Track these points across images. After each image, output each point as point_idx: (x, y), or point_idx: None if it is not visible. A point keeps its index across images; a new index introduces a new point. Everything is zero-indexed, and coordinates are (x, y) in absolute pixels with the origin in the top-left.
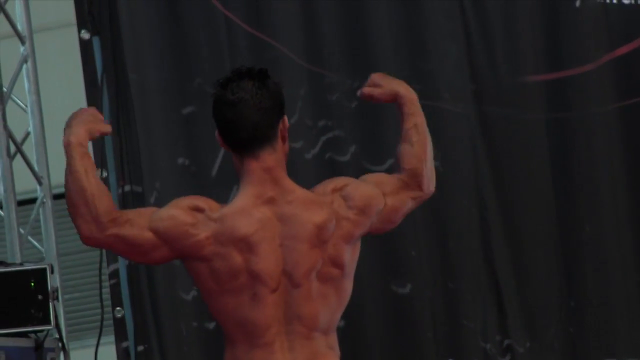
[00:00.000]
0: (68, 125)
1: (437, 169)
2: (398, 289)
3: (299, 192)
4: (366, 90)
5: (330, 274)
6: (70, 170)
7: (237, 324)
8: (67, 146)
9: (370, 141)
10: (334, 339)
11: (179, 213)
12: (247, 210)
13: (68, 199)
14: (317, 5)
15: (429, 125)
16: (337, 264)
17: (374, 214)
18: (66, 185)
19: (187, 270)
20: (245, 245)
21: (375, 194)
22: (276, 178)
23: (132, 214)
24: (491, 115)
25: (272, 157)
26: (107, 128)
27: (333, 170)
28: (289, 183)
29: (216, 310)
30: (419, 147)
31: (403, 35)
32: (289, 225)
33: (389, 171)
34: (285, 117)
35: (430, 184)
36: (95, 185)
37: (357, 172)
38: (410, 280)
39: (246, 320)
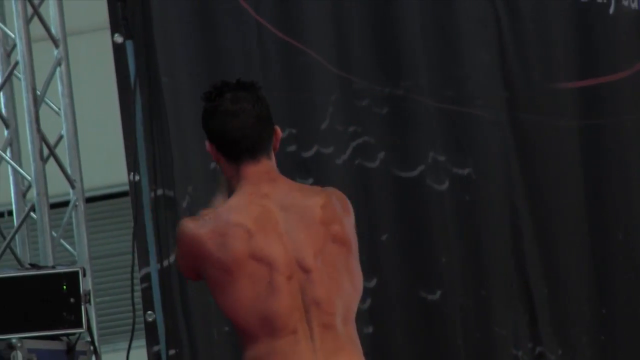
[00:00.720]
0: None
1: (469, 176)
2: (427, 295)
3: (295, 185)
4: None
5: (338, 253)
6: None
7: (258, 317)
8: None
9: (399, 148)
10: (354, 330)
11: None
12: (242, 204)
13: None
14: (349, 11)
15: (464, 131)
16: (343, 241)
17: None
18: None
19: (207, 279)
20: (243, 231)
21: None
22: (273, 178)
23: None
24: (524, 122)
25: (269, 163)
26: None
27: (362, 176)
28: (284, 180)
29: (234, 309)
30: None
31: (435, 42)
32: (290, 212)
33: (419, 178)
34: (277, 129)
35: None
36: None
37: (387, 178)
38: (440, 287)
39: (266, 311)
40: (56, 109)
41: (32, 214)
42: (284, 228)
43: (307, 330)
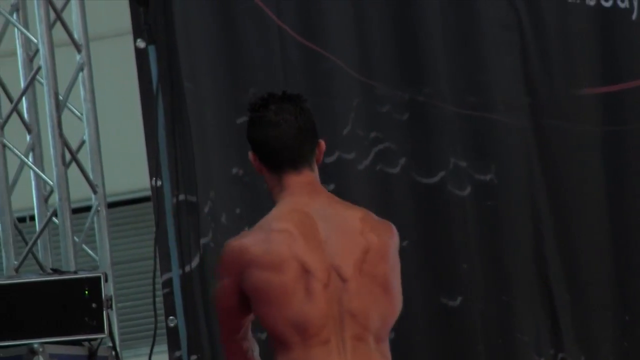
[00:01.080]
0: None
1: (491, 181)
2: (449, 301)
3: (336, 198)
4: None
5: (376, 267)
6: None
7: (291, 323)
8: None
9: (421, 154)
10: (386, 348)
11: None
12: (284, 212)
13: None
14: (370, 17)
15: (485, 137)
16: (382, 254)
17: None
18: None
19: (249, 289)
20: (287, 235)
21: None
22: (315, 190)
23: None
24: (546, 127)
25: (312, 175)
26: None
27: (383, 182)
28: (326, 193)
29: (270, 315)
30: None
31: (457, 47)
32: (330, 221)
33: (440, 184)
34: (322, 142)
35: None
36: None
37: (408, 184)
38: (461, 293)
39: (301, 317)
40: (78, 114)
41: (54, 219)
42: (324, 236)
43: (339, 341)
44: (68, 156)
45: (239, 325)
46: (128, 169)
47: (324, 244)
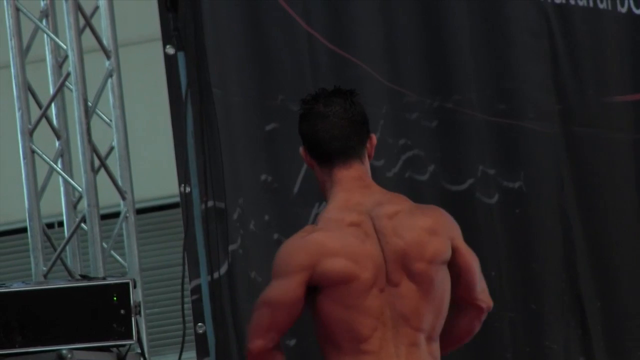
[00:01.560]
0: None
1: (520, 189)
2: None
3: (387, 193)
4: None
5: (419, 270)
6: None
7: (344, 327)
8: None
9: (450, 161)
10: (437, 348)
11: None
12: (338, 215)
13: None
14: (399, 24)
15: (514, 145)
16: (422, 256)
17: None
18: None
19: (322, 279)
20: (358, 228)
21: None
22: (367, 185)
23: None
24: (577, 135)
25: (362, 168)
26: None
27: (413, 189)
28: (377, 188)
29: (324, 316)
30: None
31: (487, 54)
32: (381, 222)
33: (468, 191)
34: (374, 136)
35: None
36: None
37: (436, 191)
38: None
39: (354, 322)
40: (107, 120)
41: (82, 225)
42: (377, 238)
43: (391, 346)
44: (97, 162)
45: (285, 325)
46: (156, 175)
47: (376, 247)
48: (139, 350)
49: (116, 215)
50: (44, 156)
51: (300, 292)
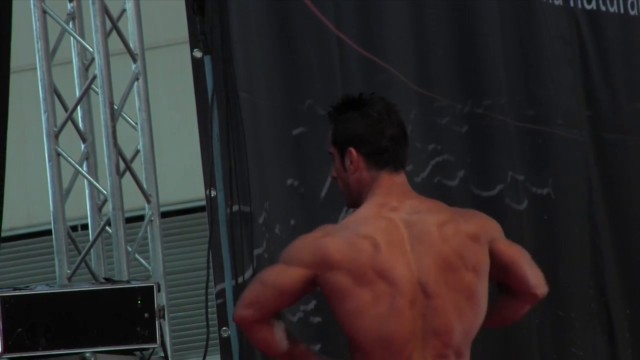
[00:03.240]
0: None
1: (548, 195)
2: None
3: (426, 201)
4: None
5: (462, 280)
6: None
7: (375, 338)
8: None
9: (480, 166)
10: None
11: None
12: (370, 216)
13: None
14: (429, 29)
15: (543, 151)
16: (466, 265)
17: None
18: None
19: (326, 289)
20: (371, 243)
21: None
22: (405, 191)
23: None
24: (606, 141)
25: (404, 175)
26: None
27: (442, 194)
28: (415, 195)
29: (351, 323)
30: None
31: (517, 60)
32: (415, 229)
33: (498, 197)
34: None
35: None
36: None
37: (466, 197)
38: None
39: (385, 333)
40: (133, 123)
41: (107, 228)
42: (409, 247)
43: (420, 358)
44: (122, 165)
45: (270, 307)
46: (182, 178)
47: (408, 255)
48: (163, 354)
49: (141, 218)
50: (69, 159)
51: (295, 283)
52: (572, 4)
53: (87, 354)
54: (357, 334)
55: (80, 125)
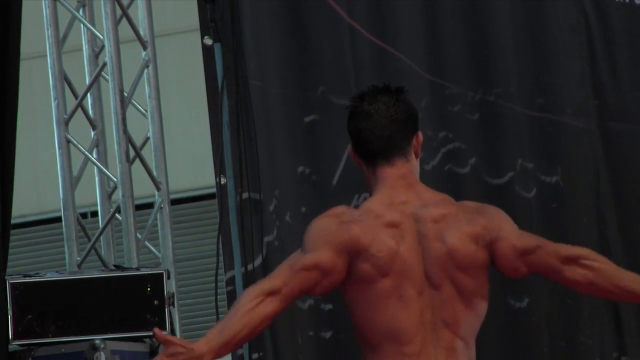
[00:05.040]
0: None
1: (557, 184)
2: (515, 302)
3: (433, 194)
4: None
5: (457, 278)
6: None
7: (384, 329)
8: None
9: (491, 154)
10: (474, 352)
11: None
12: (385, 205)
13: None
14: (441, 17)
15: (552, 139)
16: (458, 265)
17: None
18: None
19: (349, 279)
20: (395, 230)
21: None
22: (410, 184)
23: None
24: (613, 130)
25: (406, 166)
26: None
27: (452, 182)
28: (422, 187)
29: (364, 318)
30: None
31: (526, 49)
32: (421, 224)
33: (508, 185)
34: (420, 133)
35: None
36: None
37: (477, 184)
38: (527, 295)
39: (394, 324)
40: (143, 110)
41: (117, 215)
42: (418, 239)
43: (430, 350)
44: (132, 153)
45: (302, 291)
46: (191, 166)
47: (418, 247)
48: None
49: (151, 205)
50: (79, 146)
51: (335, 265)
52: None
53: (97, 341)
54: (367, 327)
55: (90, 112)
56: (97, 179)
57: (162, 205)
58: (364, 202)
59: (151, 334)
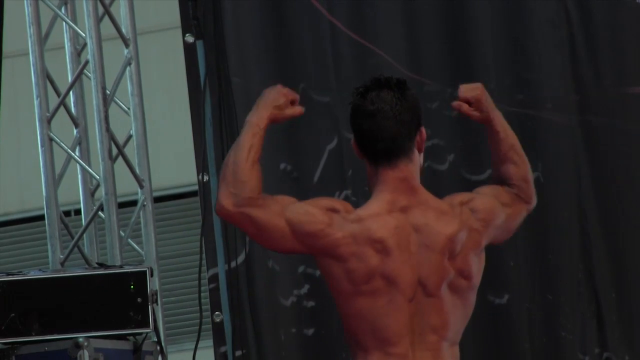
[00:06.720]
0: (256, 104)
1: (537, 179)
2: (495, 299)
3: (433, 202)
4: (456, 105)
5: (460, 285)
6: (236, 143)
7: (372, 330)
8: (245, 123)
9: (469, 150)
10: (457, 351)
11: (316, 211)
12: (382, 214)
13: (222, 167)
14: (420, 14)
15: (533, 135)
16: (466, 275)
17: (497, 225)
18: (227, 156)
19: (321, 269)
20: (382, 247)
21: (497, 206)
22: (412, 187)
23: (270, 200)
24: (594, 126)
25: (408, 168)
26: (295, 111)
27: (432, 179)
28: (423, 192)
29: (351, 315)
30: (523, 166)
31: (505, 44)
32: (422, 234)
33: (488, 181)
34: (423, 129)
35: (535, 198)
36: (250, 164)
37: (456, 181)
38: (507, 291)
39: (381, 325)
40: (125, 108)
41: (100, 213)
42: (414, 249)
43: (416, 352)
44: (115, 150)
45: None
46: (174, 163)
47: (413, 257)
48: (156, 339)
49: (134, 203)
50: (61, 144)
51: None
52: None
53: (80, 339)
54: (353, 326)
55: (73, 110)
56: (79, 176)
57: (145, 203)
58: (365, 204)
59: (134, 331)
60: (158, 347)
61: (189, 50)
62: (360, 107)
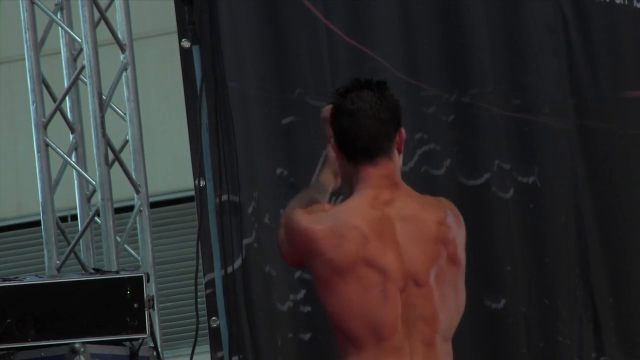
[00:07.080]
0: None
1: (534, 184)
2: (492, 304)
3: (416, 195)
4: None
5: (450, 272)
6: None
7: (365, 324)
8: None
9: (466, 155)
10: (450, 346)
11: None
12: (363, 207)
13: None
14: (417, 18)
15: (529, 140)
16: (455, 260)
17: None
18: None
19: (312, 275)
20: (359, 234)
21: None
22: (394, 183)
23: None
24: (591, 130)
25: (389, 166)
26: None
27: (428, 183)
28: (406, 188)
29: (340, 312)
30: None
31: (502, 49)
32: (409, 224)
33: (485, 186)
34: (402, 130)
35: None
36: None
37: (452, 186)
38: (504, 296)
39: (375, 319)
40: (122, 113)
41: (96, 218)
42: (401, 239)
43: (411, 345)
44: (111, 156)
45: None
46: (171, 168)
47: (400, 247)
48: (152, 344)
49: (130, 208)
50: (58, 149)
51: (297, 263)
52: None
53: (77, 345)
54: (345, 322)
55: (69, 115)
56: (76, 182)
57: (142, 208)
58: (345, 200)
59: (131, 337)
60: (155, 353)
61: (185, 56)
62: (341, 106)
